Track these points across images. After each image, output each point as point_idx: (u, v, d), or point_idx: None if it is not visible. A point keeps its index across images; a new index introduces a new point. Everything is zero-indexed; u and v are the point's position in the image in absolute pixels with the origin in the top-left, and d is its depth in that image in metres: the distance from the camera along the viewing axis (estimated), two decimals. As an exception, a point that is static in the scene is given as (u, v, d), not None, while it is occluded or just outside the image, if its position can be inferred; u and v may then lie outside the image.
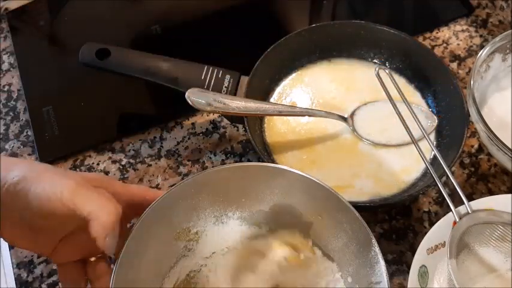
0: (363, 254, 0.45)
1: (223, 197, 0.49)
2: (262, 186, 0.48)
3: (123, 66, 0.62)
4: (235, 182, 0.48)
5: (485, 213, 0.47)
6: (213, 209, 0.50)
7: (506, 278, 0.50)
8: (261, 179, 0.48)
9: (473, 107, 0.54)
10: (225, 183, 0.48)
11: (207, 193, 0.48)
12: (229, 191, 0.49)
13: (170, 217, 0.47)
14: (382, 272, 0.43)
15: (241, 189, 0.49)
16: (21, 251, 0.58)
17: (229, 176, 0.47)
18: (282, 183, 0.47)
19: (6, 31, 0.77)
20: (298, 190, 0.47)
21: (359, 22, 0.64)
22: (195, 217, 0.49)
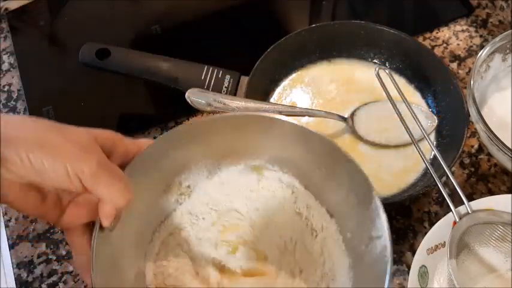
0: (363, 207, 0.43)
1: (216, 148, 0.47)
2: (258, 138, 0.46)
3: (123, 66, 0.62)
4: (229, 133, 0.46)
5: (485, 213, 0.47)
6: (206, 161, 0.48)
7: (506, 278, 0.50)
8: (256, 130, 0.46)
9: (473, 107, 0.54)
10: (217, 134, 0.46)
11: (199, 144, 0.46)
12: (223, 142, 0.47)
13: (160, 168, 0.45)
14: (383, 226, 0.41)
15: (235, 141, 0.47)
16: (21, 251, 0.59)
17: (223, 126, 0.45)
18: (278, 134, 0.45)
19: (6, 31, 0.77)
20: (295, 142, 0.46)
21: (359, 22, 0.64)
22: (186, 170, 0.47)
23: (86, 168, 0.36)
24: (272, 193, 0.49)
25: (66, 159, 0.35)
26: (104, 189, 0.37)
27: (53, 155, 0.35)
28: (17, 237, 0.60)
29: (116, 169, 0.39)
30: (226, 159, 0.48)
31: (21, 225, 0.60)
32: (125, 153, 0.42)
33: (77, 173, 0.36)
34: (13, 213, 0.61)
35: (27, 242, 0.59)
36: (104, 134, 0.40)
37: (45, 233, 0.60)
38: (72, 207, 0.41)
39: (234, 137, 0.46)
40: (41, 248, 0.59)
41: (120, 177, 0.39)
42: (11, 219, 0.61)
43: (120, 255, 0.43)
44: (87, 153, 0.37)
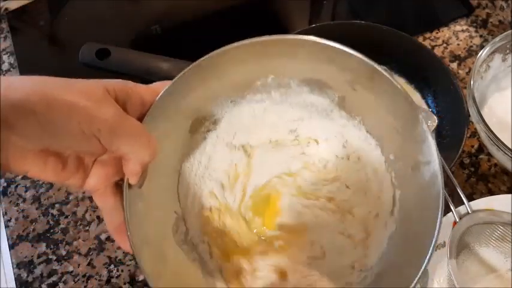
0: (407, 129, 0.40)
1: (239, 79, 0.44)
2: (283, 62, 0.43)
3: (123, 66, 0.62)
4: (252, 61, 0.43)
5: (485, 213, 0.47)
6: (230, 93, 0.45)
7: (506, 278, 0.50)
8: (281, 53, 0.42)
9: (473, 107, 0.54)
10: (239, 63, 0.43)
11: (220, 77, 0.43)
12: (246, 72, 0.44)
13: (182, 109, 0.43)
14: (431, 151, 0.38)
15: (259, 69, 0.44)
16: (21, 251, 0.59)
17: (244, 54, 0.43)
18: (306, 56, 0.42)
19: (6, 31, 0.77)
20: (324, 62, 0.42)
21: (359, 22, 0.64)
22: (209, 105, 0.45)
23: (101, 125, 0.33)
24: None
25: (80, 119, 0.32)
26: (125, 146, 0.34)
27: (65, 116, 0.32)
28: (17, 237, 0.60)
29: (134, 122, 0.36)
30: (250, 88, 0.46)
31: (21, 225, 0.60)
32: (141, 102, 0.38)
33: (94, 132, 0.33)
34: (13, 213, 0.61)
35: (27, 242, 0.59)
36: (116, 84, 0.36)
37: (45, 233, 0.60)
38: (98, 168, 0.37)
39: (257, 65, 0.43)
40: (41, 248, 0.59)
41: (140, 130, 0.35)
42: (11, 219, 0.61)
43: (154, 208, 0.41)
44: (100, 109, 0.33)
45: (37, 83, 0.32)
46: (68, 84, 0.34)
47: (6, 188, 0.63)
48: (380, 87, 0.41)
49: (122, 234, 0.37)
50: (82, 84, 0.34)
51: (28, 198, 0.62)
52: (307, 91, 0.46)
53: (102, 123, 0.33)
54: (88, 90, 0.34)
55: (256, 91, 0.46)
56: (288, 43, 0.42)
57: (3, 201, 0.62)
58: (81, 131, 0.32)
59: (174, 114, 0.42)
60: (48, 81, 0.33)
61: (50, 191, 0.62)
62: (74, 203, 0.61)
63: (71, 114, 0.32)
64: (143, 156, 0.36)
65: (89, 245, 0.59)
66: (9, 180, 0.63)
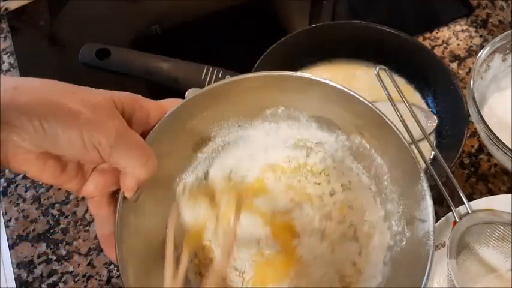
0: (408, 184, 0.41)
1: (248, 106, 0.45)
2: (295, 97, 0.44)
3: (123, 66, 0.62)
4: (263, 92, 0.43)
5: (485, 213, 0.47)
6: (238, 118, 0.46)
7: (506, 278, 0.50)
8: (293, 89, 0.43)
9: (473, 107, 0.54)
10: (249, 92, 0.43)
11: (230, 102, 0.43)
12: (256, 100, 0.44)
13: (188, 129, 0.43)
14: (429, 211, 0.39)
15: (269, 100, 0.44)
16: (21, 251, 0.59)
17: (255, 86, 0.43)
18: (317, 95, 0.43)
19: (6, 31, 0.77)
20: (335, 103, 0.43)
21: (359, 22, 0.64)
22: (216, 127, 0.45)
23: (103, 138, 0.33)
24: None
25: (82, 128, 0.32)
26: (123, 161, 0.34)
27: (68, 124, 0.32)
28: (17, 237, 0.60)
29: (137, 138, 0.35)
30: (259, 117, 0.47)
31: (21, 225, 0.60)
32: (148, 118, 0.38)
33: (94, 144, 0.33)
34: (13, 213, 0.61)
35: (27, 242, 0.59)
36: (124, 97, 0.36)
37: (45, 233, 0.60)
38: (96, 175, 0.37)
39: (268, 95, 0.44)
40: (41, 248, 0.59)
41: (141, 147, 0.35)
42: (11, 219, 0.61)
43: (147, 223, 0.41)
44: (104, 121, 0.33)
45: (44, 87, 0.33)
46: (74, 92, 0.34)
47: (6, 188, 0.63)
48: (387, 138, 0.42)
49: (110, 244, 0.37)
50: (89, 94, 0.35)
51: (28, 198, 0.62)
52: (315, 127, 0.47)
53: (104, 135, 0.33)
54: (94, 100, 0.34)
55: (265, 119, 0.47)
56: (301, 81, 0.43)
57: (3, 201, 0.62)
58: (81, 140, 0.32)
59: (180, 133, 0.42)
60: (56, 86, 0.33)
61: (50, 191, 0.62)
62: (74, 203, 0.61)
63: (73, 123, 0.32)
64: (140, 173, 0.35)
65: (89, 245, 0.59)
66: (9, 180, 0.63)
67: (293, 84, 0.43)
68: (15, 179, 0.63)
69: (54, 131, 0.32)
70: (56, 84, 0.34)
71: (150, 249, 0.42)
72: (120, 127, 0.34)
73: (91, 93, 0.35)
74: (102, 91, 0.36)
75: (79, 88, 0.35)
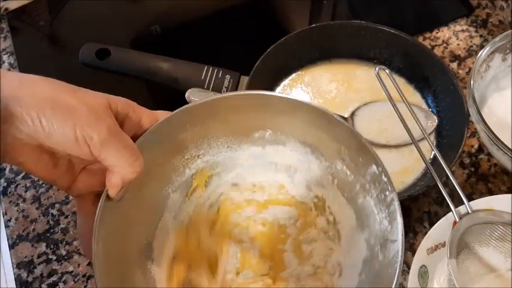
0: (382, 206, 0.42)
1: (237, 126, 0.46)
2: (280, 120, 0.45)
3: (123, 66, 0.62)
4: (250, 112, 0.44)
5: (485, 213, 0.47)
6: (227, 139, 0.47)
7: (506, 277, 0.50)
8: (281, 111, 0.44)
9: (473, 107, 0.54)
10: (238, 112, 0.44)
11: (219, 121, 0.44)
12: (245, 121, 0.45)
13: (176, 141, 0.44)
14: (399, 230, 0.40)
15: (259, 120, 0.45)
16: (21, 251, 0.59)
17: (243, 104, 0.44)
18: (299, 117, 0.44)
19: (6, 31, 0.77)
20: (317, 127, 0.44)
21: (359, 22, 0.64)
22: (206, 144, 0.46)
23: (95, 134, 0.35)
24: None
25: (76, 123, 0.34)
26: (112, 158, 0.36)
27: (64, 117, 0.34)
28: (17, 237, 0.60)
29: (127, 139, 0.38)
30: (248, 140, 0.47)
31: (21, 225, 0.60)
32: (139, 124, 0.40)
33: (86, 139, 0.35)
34: (13, 213, 0.61)
35: (27, 242, 0.59)
36: (119, 101, 0.39)
37: (45, 233, 0.60)
38: (84, 175, 0.40)
39: (258, 116, 0.45)
40: (41, 248, 0.59)
41: (130, 148, 0.37)
42: (11, 219, 0.61)
43: (128, 226, 0.42)
44: (98, 118, 0.36)
45: (46, 84, 0.35)
46: (73, 90, 0.37)
47: (6, 188, 0.63)
48: (365, 161, 0.43)
49: (88, 242, 0.38)
50: (86, 93, 0.37)
51: (28, 198, 0.62)
52: (300, 153, 0.48)
53: (96, 132, 0.35)
54: (91, 100, 0.37)
55: (253, 142, 0.48)
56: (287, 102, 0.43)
57: (3, 201, 0.62)
58: (74, 135, 0.34)
59: (169, 143, 0.44)
60: (57, 84, 0.36)
61: (50, 191, 0.62)
62: (74, 202, 0.61)
63: (68, 118, 0.34)
64: (126, 172, 0.37)
65: (89, 245, 0.59)
66: (9, 180, 0.63)
67: (277, 106, 0.44)
68: (15, 179, 0.64)
69: (50, 124, 0.34)
70: (57, 83, 0.36)
71: (127, 254, 0.43)
72: (112, 126, 0.36)
73: (88, 93, 0.37)
74: (98, 93, 0.38)
75: (78, 88, 0.37)
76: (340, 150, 0.45)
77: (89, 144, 0.35)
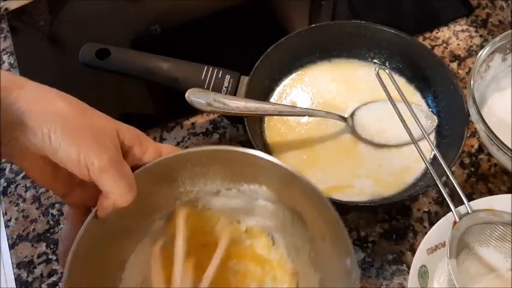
0: (341, 262, 0.43)
1: (234, 175, 0.48)
2: (278, 185, 0.47)
3: (123, 66, 0.62)
4: (249, 167, 0.46)
5: (485, 213, 0.47)
6: (223, 182, 0.48)
7: (506, 277, 0.50)
8: (278, 177, 0.46)
9: (473, 107, 0.54)
10: (233, 163, 0.47)
11: (219, 166, 0.47)
12: (243, 171, 0.47)
13: (174, 178, 0.47)
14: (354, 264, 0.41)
15: (254, 176, 0.47)
16: (21, 251, 0.59)
17: (234, 157, 0.46)
18: (297, 190, 0.46)
19: (6, 31, 0.77)
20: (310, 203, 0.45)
21: (359, 22, 0.64)
22: (202, 184, 0.48)
23: (96, 161, 0.37)
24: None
25: (81, 147, 0.37)
26: (108, 185, 0.39)
27: (71, 139, 0.37)
28: (17, 237, 0.60)
29: (126, 169, 0.40)
30: (241, 188, 0.49)
31: (21, 225, 0.60)
32: (142, 155, 0.42)
33: (87, 163, 0.37)
34: (13, 213, 0.61)
35: (27, 242, 0.59)
36: (128, 133, 0.41)
37: (45, 233, 0.60)
38: (80, 188, 0.42)
39: (254, 172, 0.47)
40: (41, 248, 0.59)
41: (127, 179, 0.40)
42: (11, 219, 0.61)
43: (107, 243, 0.44)
44: (102, 146, 0.38)
45: (61, 101, 0.38)
46: (85, 112, 0.39)
47: (6, 188, 0.63)
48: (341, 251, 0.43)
49: (66, 249, 0.40)
50: (98, 118, 0.40)
51: (28, 198, 0.62)
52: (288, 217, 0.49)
53: (98, 158, 0.37)
54: (100, 124, 0.39)
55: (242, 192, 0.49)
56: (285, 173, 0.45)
57: (3, 201, 0.62)
58: (77, 157, 0.37)
59: (166, 178, 0.46)
60: (71, 102, 0.39)
61: (50, 191, 0.62)
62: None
63: (76, 139, 0.37)
64: (118, 200, 0.40)
65: (89, 245, 0.59)
66: (9, 180, 0.63)
67: (275, 171, 0.45)
68: (15, 179, 0.64)
69: (58, 143, 0.37)
70: (71, 101, 0.39)
71: (100, 269, 0.44)
72: (113, 155, 0.39)
73: (99, 117, 0.40)
74: (110, 118, 0.41)
75: (90, 110, 0.40)
76: (324, 230, 0.45)
77: (89, 168, 0.37)
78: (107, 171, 0.38)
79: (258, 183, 0.48)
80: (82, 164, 0.37)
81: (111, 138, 0.39)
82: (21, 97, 0.37)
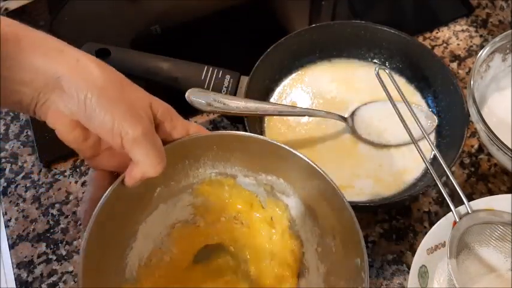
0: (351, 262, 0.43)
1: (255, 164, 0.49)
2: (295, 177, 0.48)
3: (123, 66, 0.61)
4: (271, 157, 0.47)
5: (485, 213, 0.47)
6: (242, 168, 0.49)
7: (506, 278, 0.50)
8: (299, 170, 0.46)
9: (473, 107, 0.54)
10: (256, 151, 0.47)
11: (242, 153, 0.48)
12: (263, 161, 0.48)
13: (200, 155, 0.47)
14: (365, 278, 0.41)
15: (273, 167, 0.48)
16: (21, 251, 0.59)
17: (270, 149, 0.46)
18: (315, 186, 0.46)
19: (6, 31, 0.77)
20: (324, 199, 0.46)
21: (359, 22, 0.65)
22: (221, 166, 0.49)
23: (130, 130, 0.38)
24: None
25: (116, 116, 0.37)
26: (140, 155, 0.39)
27: (107, 108, 0.37)
28: (17, 237, 0.60)
29: (158, 142, 0.40)
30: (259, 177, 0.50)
31: (21, 225, 0.60)
32: (171, 131, 0.43)
33: (121, 132, 0.38)
34: (13, 213, 0.61)
35: (27, 242, 0.59)
36: (161, 107, 0.42)
37: (45, 233, 0.60)
38: (108, 153, 0.42)
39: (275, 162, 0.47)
40: (41, 248, 0.59)
41: (158, 151, 0.40)
42: (11, 219, 0.61)
43: (126, 210, 0.44)
44: (137, 117, 0.39)
45: (99, 70, 0.38)
46: (122, 83, 0.40)
47: (6, 188, 0.63)
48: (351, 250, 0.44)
49: (89, 212, 0.41)
50: (133, 91, 0.41)
51: (28, 198, 0.62)
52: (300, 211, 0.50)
53: (132, 128, 0.38)
54: (135, 97, 0.40)
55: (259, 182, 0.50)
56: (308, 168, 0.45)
57: (3, 201, 0.62)
58: (111, 125, 0.37)
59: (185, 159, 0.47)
60: (109, 72, 0.39)
61: (50, 191, 0.62)
62: (74, 202, 0.61)
63: (111, 108, 0.37)
64: (148, 171, 0.40)
65: (89, 245, 0.59)
66: (9, 180, 0.63)
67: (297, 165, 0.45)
68: (15, 179, 0.64)
69: (93, 109, 0.37)
70: (109, 71, 0.40)
71: (116, 233, 0.44)
72: (147, 127, 0.39)
73: (134, 89, 0.41)
74: (144, 92, 0.42)
75: (127, 82, 0.41)
76: (336, 228, 0.46)
77: (123, 137, 0.38)
78: (140, 142, 0.38)
79: (276, 175, 0.48)
80: (115, 132, 0.38)
81: (145, 110, 0.40)
82: (60, 61, 0.38)
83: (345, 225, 0.44)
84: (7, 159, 0.65)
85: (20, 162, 0.64)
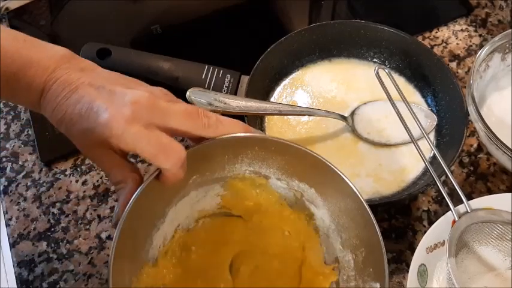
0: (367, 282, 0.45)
1: (290, 170, 0.49)
2: (329, 190, 0.48)
3: (124, 66, 0.62)
4: (311, 168, 0.48)
5: (484, 212, 0.48)
6: (277, 171, 0.50)
7: (505, 276, 0.50)
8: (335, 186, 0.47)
9: (472, 106, 0.54)
10: (293, 158, 0.48)
11: (281, 157, 0.48)
12: (299, 168, 0.49)
13: (239, 152, 0.48)
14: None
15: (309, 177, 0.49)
16: (22, 250, 0.59)
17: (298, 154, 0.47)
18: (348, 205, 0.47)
19: (7, 31, 0.77)
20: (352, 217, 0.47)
21: (359, 22, 0.65)
22: (257, 166, 0.49)
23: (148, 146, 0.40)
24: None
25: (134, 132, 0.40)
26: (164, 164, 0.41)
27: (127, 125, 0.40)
28: (17, 236, 0.60)
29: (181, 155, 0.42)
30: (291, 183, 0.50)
31: (22, 224, 0.61)
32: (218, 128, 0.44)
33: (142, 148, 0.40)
34: (14, 212, 0.61)
35: (28, 240, 0.59)
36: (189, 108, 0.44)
37: (46, 231, 0.60)
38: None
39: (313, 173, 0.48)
40: (42, 247, 0.59)
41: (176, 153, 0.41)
42: (11, 218, 0.61)
43: (157, 196, 0.45)
44: (168, 155, 0.41)
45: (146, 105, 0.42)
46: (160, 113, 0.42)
47: (7, 186, 0.63)
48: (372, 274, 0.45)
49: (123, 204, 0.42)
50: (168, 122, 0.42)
51: (29, 197, 0.62)
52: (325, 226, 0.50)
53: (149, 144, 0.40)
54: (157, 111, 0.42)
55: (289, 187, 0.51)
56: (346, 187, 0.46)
57: (4, 200, 0.62)
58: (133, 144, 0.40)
59: (225, 154, 0.47)
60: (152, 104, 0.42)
61: (50, 190, 0.63)
62: (74, 202, 0.62)
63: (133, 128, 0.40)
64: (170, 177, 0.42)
65: (89, 243, 0.59)
66: (10, 179, 0.64)
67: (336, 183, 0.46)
68: (16, 178, 0.64)
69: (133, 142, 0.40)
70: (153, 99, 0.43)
71: (147, 213, 0.45)
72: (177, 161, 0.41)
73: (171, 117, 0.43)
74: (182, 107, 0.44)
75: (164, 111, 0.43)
76: (356, 246, 0.47)
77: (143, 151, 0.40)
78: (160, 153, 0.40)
79: (308, 184, 0.49)
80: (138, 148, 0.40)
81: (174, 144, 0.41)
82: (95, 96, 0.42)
83: (369, 247, 0.45)
84: (8, 159, 0.65)
85: (21, 161, 0.65)
